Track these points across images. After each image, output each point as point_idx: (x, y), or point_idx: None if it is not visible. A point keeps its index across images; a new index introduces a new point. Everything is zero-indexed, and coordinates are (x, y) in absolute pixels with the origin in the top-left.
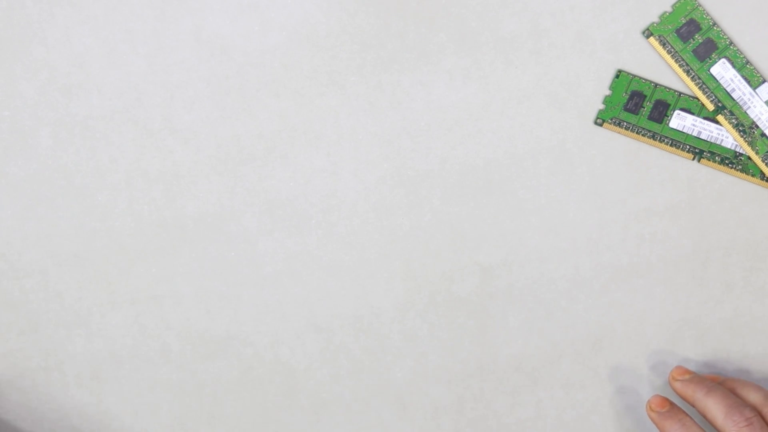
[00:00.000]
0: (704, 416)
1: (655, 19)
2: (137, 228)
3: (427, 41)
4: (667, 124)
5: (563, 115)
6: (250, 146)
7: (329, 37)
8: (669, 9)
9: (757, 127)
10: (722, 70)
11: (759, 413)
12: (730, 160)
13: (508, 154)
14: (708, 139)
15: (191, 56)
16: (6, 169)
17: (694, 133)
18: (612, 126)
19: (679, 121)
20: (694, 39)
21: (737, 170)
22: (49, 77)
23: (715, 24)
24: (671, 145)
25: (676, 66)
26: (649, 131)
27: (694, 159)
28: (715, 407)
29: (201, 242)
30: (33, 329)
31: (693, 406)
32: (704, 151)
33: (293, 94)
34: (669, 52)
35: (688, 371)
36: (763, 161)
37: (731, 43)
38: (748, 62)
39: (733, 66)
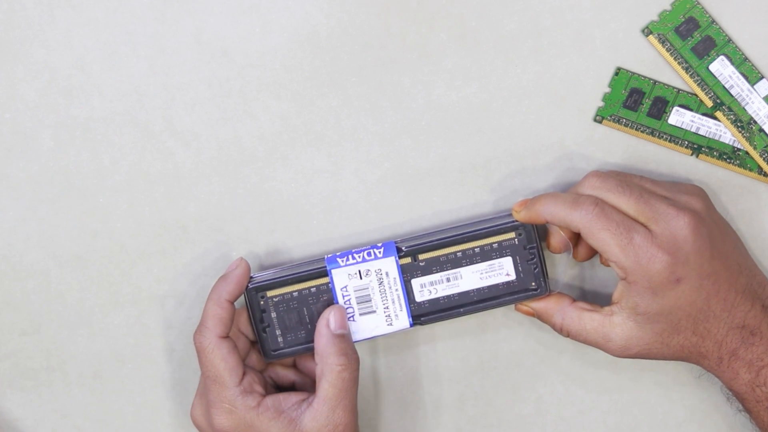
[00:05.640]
0: (556, 221)
1: (655, 18)
2: (138, 229)
3: (428, 41)
4: (666, 121)
5: (563, 113)
6: (251, 147)
7: (330, 38)
8: (668, 7)
9: (755, 122)
10: (721, 67)
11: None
12: (728, 155)
13: (509, 152)
14: (706, 135)
15: (192, 58)
16: (7, 171)
17: (693, 129)
18: (611, 123)
19: (678, 117)
20: (693, 36)
21: (735, 165)
22: (50, 79)
23: (713, 21)
24: (670, 141)
25: (675, 63)
26: (648, 128)
27: (692, 154)
28: (561, 206)
29: (202, 243)
30: (35, 329)
31: (544, 220)
32: (703, 146)
33: (294, 95)
34: (668, 49)
35: (525, 200)
36: (760, 156)
37: (730, 40)
38: (746, 59)
39: (732, 63)
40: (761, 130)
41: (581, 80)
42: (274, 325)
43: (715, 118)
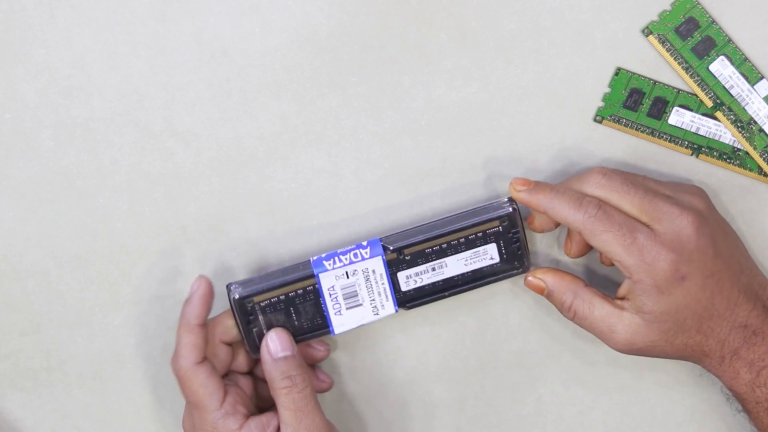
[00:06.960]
0: (556, 218)
1: (655, 18)
2: (138, 229)
3: (428, 41)
4: (666, 121)
5: (563, 113)
6: (251, 147)
7: (330, 38)
8: (668, 7)
9: (755, 122)
10: (721, 67)
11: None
12: (728, 155)
13: (509, 151)
14: (706, 135)
15: (192, 58)
16: (7, 171)
17: (693, 130)
18: (611, 123)
19: (678, 117)
20: (693, 37)
21: (735, 165)
22: (50, 79)
23: (713, 22)
24: (670, 142)
25: (675, 63)
26: (648, 128)
27: (692, 155)
28: (565, 206)
29: (202, 243)
30: (35, 330)
31: (542, 211)
32: (702, 146)
33: (294, 95)
34: (668, 49)
35: (528, 180)
36: (760, 156)
37: (730, 40)
38: (746, 59)
39: (732, 63)
40: (761, 130)
41: (581, 80)
42: (261, 326)
43: (715, 118)
